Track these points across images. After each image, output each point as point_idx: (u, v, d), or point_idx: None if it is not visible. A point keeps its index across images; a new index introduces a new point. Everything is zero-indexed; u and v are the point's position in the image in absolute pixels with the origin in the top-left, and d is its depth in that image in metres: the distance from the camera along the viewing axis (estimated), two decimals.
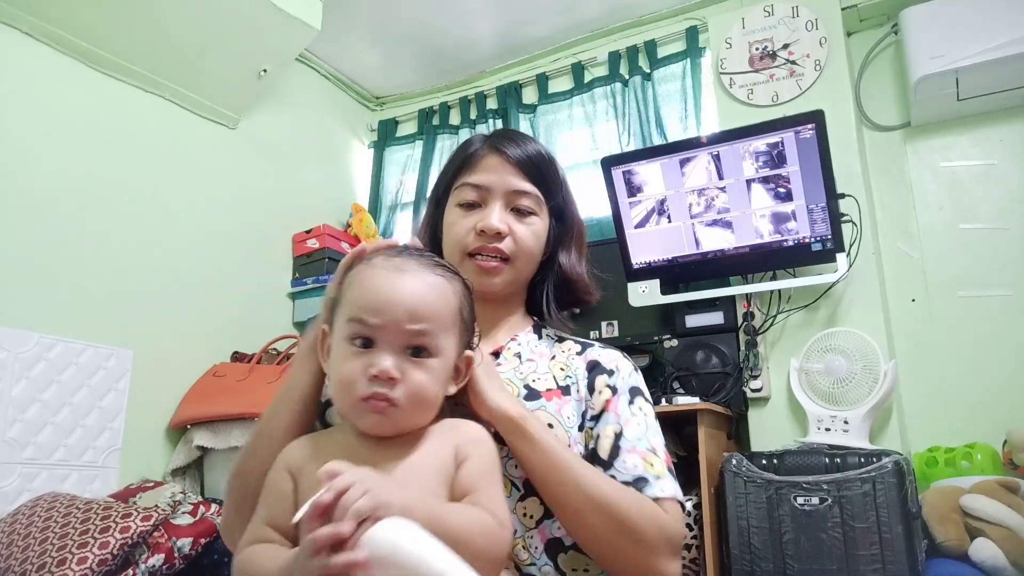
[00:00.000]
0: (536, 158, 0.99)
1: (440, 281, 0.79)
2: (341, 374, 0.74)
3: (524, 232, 0.97)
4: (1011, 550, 1.71)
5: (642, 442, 0.90)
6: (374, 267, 0.78)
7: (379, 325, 0.73)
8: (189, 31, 2.35)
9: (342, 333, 0.75)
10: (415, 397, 0.73)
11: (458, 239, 0.96)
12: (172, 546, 1.81)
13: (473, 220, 0.96)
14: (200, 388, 2.41)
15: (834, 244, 2.12)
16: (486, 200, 0.97)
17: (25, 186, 2.08)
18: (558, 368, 0.97)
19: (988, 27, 2.11)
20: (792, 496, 1.81)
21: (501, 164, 0.98)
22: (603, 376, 0.95)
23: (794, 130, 2.15)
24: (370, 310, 0.73)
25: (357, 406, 0.73)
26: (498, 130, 1.09)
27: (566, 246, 1.04)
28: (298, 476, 0.73)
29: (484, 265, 0.95)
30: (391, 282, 0.75)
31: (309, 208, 3.04)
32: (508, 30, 2.98)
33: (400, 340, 0.73)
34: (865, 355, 2.06)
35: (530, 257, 0.99)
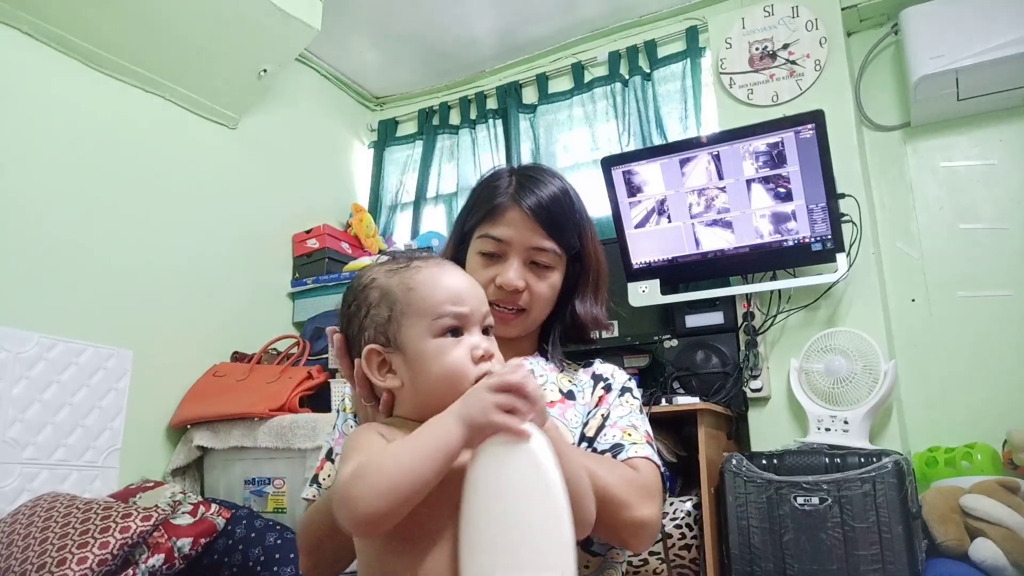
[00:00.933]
0: (557, 212, 1.02)
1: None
2: (449, 365, 0.75)
3: (541, 288, 1.02)
4: (1011, 550, 1.71)
5: (623, 420, 0.98)
6: (426, 268, 0.81)
7: (468, 313, 0.78)
8: (189, 31, 2.35)
9: (427, 333, 0.77)
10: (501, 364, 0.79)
11: None
12: (172, 546, 1.81)
13: (492, 272, 1.01)
14: (200, 388, 2.41)
15: (834, 244, 2.12)
16: (506, 254, 1.01)
17: (25, 186, 2.07)
18: (565, 380, 1.04)
19: (988, 27, 2.11)
20: (792, 496, 1.81)
21: (522, 219, 1.01)
22: (601, 383, 1.04)
23: (794, 130, 2.15)
24: (456, 301, 0.78)
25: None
26: (522, 175, 1.06)
27: (582, 292, 1.08)
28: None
29: (501, 316, 1.00)
30: (452, 274, 0.81)
31: (309, 208, 3.04)
32: (508, 30, 2.98)
33: (480, 322, 0.79)
34: (865, 355, 2.06)
35: (545, 307, 1.04)
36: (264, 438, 2.15)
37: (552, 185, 1.04)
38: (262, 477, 2.20)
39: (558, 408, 0.98)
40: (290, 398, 2.20)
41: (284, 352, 2.53)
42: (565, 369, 1.07)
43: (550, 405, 0.97)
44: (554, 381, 1.03)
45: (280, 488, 2.17)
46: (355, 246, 3.00)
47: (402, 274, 0.80)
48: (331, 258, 2.86)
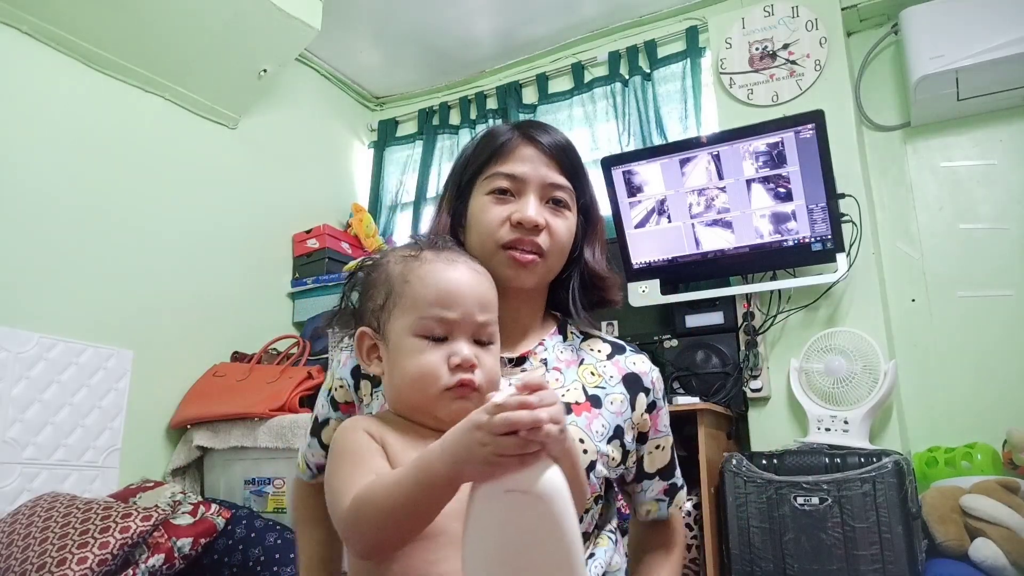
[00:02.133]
0: (569, 150, 0.97)
1: (485, 271, 0.82)
2: (420, 367, 0.73)
3: (560, 226, 0.93)
4: (1011, 550, 1.71)
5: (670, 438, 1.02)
6: (430, 262, 0.78)
7: (455, 319, 0.75)
8: (189, 31, 2.35)
9: (410, 330, 0.75)
10: (491, 381, 0.76)
11: (490, 230, 0.91)
12: (172, 546, 1.81)
13: (507, 211, 0.91)
14: (200, 388, 2.41)
15: (834, 244, 2.12)
16: (521, 191, 0.92)
17: (25, 186, 2.07)
18: (588, 374, 0.95)
19: (988, 27, 2.11)
20: (792, 496, 1.81)
21: (536, 155, 0.94)
22: (642, 395, 0.96)
23: (794, 130, 2.15)
24: (445, 304, 0.75)
25: (441, 396, 0.73)
26: (526, 120, 1.02)
27: (591, 242, 1.01)
28: (383, 442, 0.73)
29: (521, 259, 0.90)
30: (457, 275, 0.77)
31: (309, 208, 3.04)
32: (508, 30, 2.98)
33: (471, 330, 0.75)
34: (865, 355, 2.06)
35: (562, 252, 0.96)
36: (264, 438, 2.15)
37: (557, 132, 0.99)
38: (262, 477, 2.20)
39: (583, 417, 0.89)
40: (290, 398, 2.20)
41: (284, 352, 2.53)
42: (586, 360, 0.96)
43: (576, 410, 0.90)
44: (577, 378, 0.93)
45: (280, 488, 2.17)
46: (355, 246, 3.00)
47: (408, 263, 0.79)
48: (331, 258, 2.86)
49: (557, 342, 0.98)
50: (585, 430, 0.88)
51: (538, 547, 0.58)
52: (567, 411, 0.88)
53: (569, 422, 0.86)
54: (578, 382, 0.93)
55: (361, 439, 0.72)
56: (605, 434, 0.90)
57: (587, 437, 0.87)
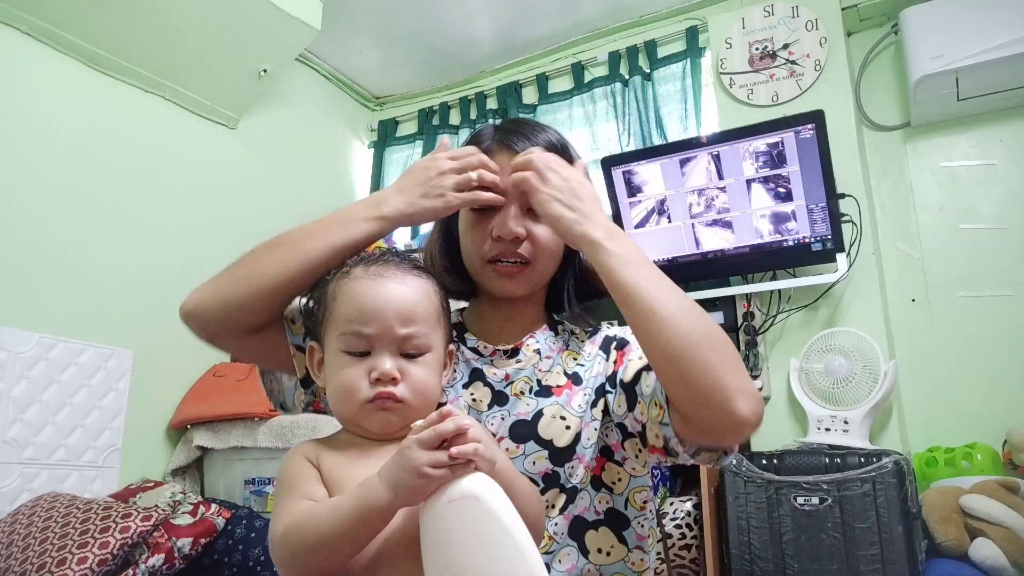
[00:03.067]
0: (547, 150, 0.94)
1: (421, 282, 0.83)
2: (342, 382, 0.77)
3: (542, 233, 0.92)
4: (1011, 550, 1.71)
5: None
6: (356, 278, 0.80)
7: (372, 334, 0.76)
8: (189, 31, 2.35)
9: (336, 346, 0.78)
10: (418, 392, 0.77)
11: (475, 247, 0.93)
12: (172, 546, 1.81)
13: (488, 226, 0.92)
14: (200, 388, 2.41)
15: (834, 244, 2.12)
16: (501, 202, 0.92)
17: (25, 186, 2.07)
18: (570, 358, 0.96)
19: (988, 27, 2.11)
20: (792, 496, 1.81)
21: (512, 161, 0.91)
22: (614, 343, 0.96)
23: (794, 130, 2.15)
24: (361, 320, 0.76)
25: (362, 409, 0.76)
26: (506, 121, 1.01)
27: None
28: (318, 465, 0.75)
29: (503, 270, 0.92)
30: (376, 290, 0.78)
31: (309, 208, 3.02)
32: (508, 30, 2.98)
33: (394, 344, 0.77)
34: (865, 355, 2.06)
35: (550, 257, 0.95)
36: (264, 438, 2.15)
37: (540, 131, 0.97)
38: (262, 477, 2.20)
39: (564, 395, 0.91)
40: None
41: None
42: (570, 346, 0.98)
43: (556, 391, 0.92)
44: (560, 363, 0.96)
45: None
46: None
47: (339, 280, 0.81)
48: None
49: (549, 336, 1.00)
50: (565, 407, 0.90)
51: (486, 546, 0.62)
52: (547, 393, 0.92)
53: (553, 403, 0.90)
54: (560, 366, 0.95)
55: (297, 468, 0.75)
56: (588, 401, 0.92)
57: (568, 413, 0.90)
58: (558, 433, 0.88)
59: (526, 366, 0.95)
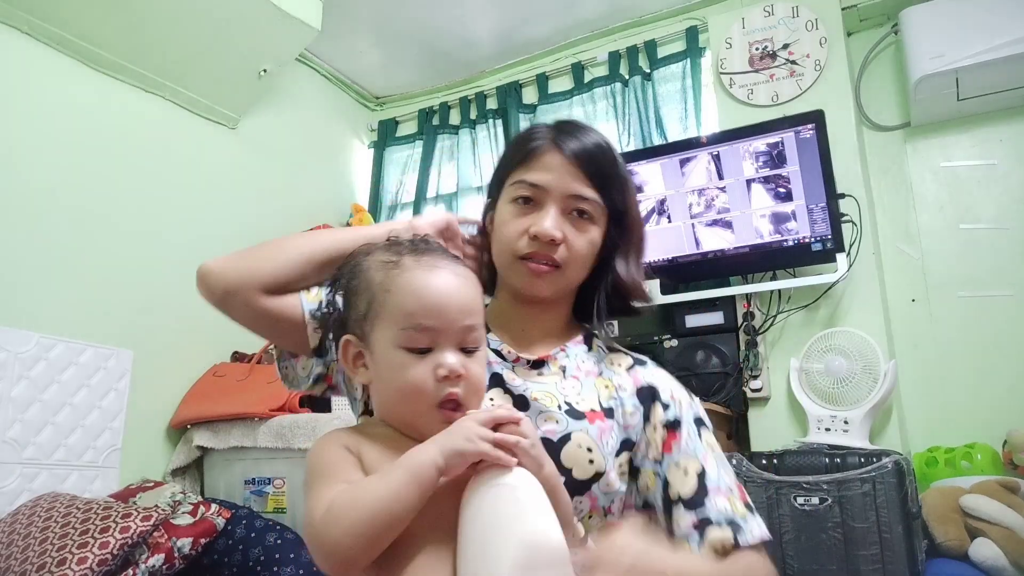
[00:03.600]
0: (599, 158, 0.92)
1: (469, 273, 0.80)
2: (408, 382, 0.72)
3: (579, 241, 0.90)
4: (1011, 550, 1.71)
5: (723, 480, 0.89)
6: (410, 269, 0.76)
7: (438, 328, 0.73)
8: (189, 31, 2.35)
9: (393, 342, 0.73)
10: (476, 389, 0.76)
11: (509, 241, 0.91)
12: (172, 546, 1.81)
13: (526, 222, 0.90)
14: (200, 388, 2.41)
15: (834, 244, 2.12)
16: (542, 201, 0.90)
17: (25, 186, 2.07)
18: (603, 387, 0.92)
19: (988, 27, 2.11)
20: (792, 496, 1.81)
21: (562, 163, 0.90)
22: (658, 409, 0.91)
23: (794, 130, 2.15)
24: (425, 314, 0.73)
25: (430, 412, 0.72)
26: (562, 122, 0.96)
27: (624, 252, 0.96)
28: (359, 455, 0.72)
29: (535, 268, 0.89)
30: (438, 282, 0.75)
31: (309, 208, 3.04)
32: (508, 30, 2.98)
33: (456, 338, 0.74)
34: (865, 355, 2.06)
35: (582, 265, 0.93)
36: (264, 438, 2.15)
37: (593, 134, 0.93)
38: (262, 477, 2.20)
39: (596, 426, 0.87)
40: (290, 398, 2.20)
41: None
42: (603, 373, 0.94)
43: (589, 418, 0.87)
44: (593, 389, 0.91)
45: (280, 488, 2.16)
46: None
47: (388, 271, 0.77)
48: None
49: (581, 351, 0.96)
50: (596, 440, 0.86)
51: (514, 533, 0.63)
52: (579, 416, 0.87)
53: (580, 429, 0.86)
54: (594, 392, 0.91)
55: (336, 454, 0.72)
56: (614, 447, 0.88)
57: (596, 447, 0.85)
58: (580, 464, 0.84)
59: (548, 381, 0.91)
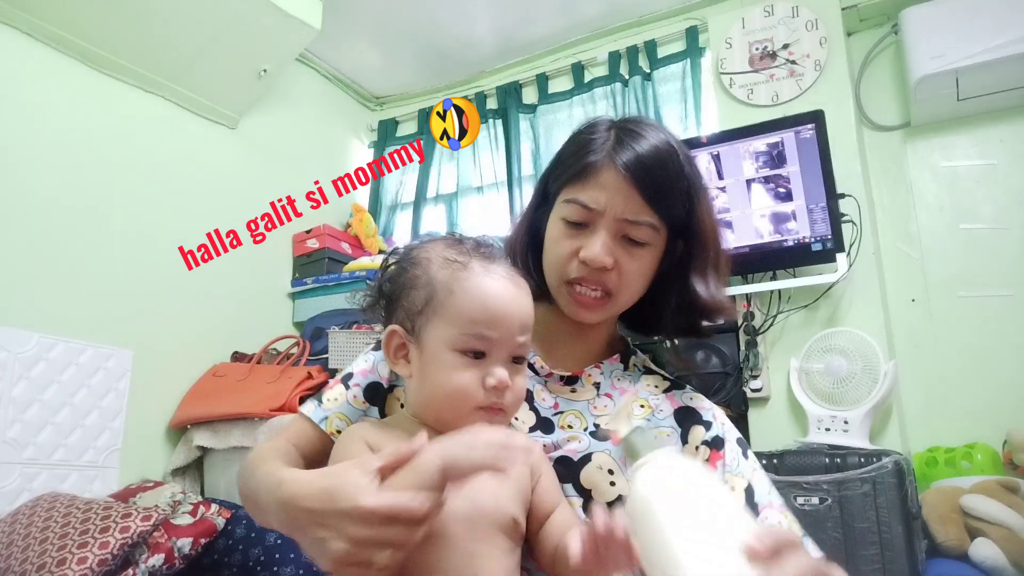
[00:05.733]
0: (660, 176, 0.84)
1: (527, 287, 0.80)
2: (455, 384, 0.73)
3: (632, 268, 0.85)
4: (1011, 550, 1.71)
5: (774, 497, 0.83)
6: (478, 275, 0.76)
7: (496, 339, 0.74)
8: (189, 31, 2.35)
9: (448, 342, 0.74)
10: (518, 401, 0.77)
11: (559, 263, 0.87)
12: (172, 546, 1.81)
13: (576, 244, 0.85)
14: (200, 388, 2.41)
15: (834, 244, 2.12)
16: (594, 223, 0.84)
17: (25, 186, 2.07)
18: (638, 406, 0.89)
19: (988, 27, 2.11)
20: (792, 496, 1.81)
21: (618, 181, 0.83)
22: (699, 428, 0.87)
23: (794, 130, 2.15)
24: (487, 324, 0.73)
25: (472, 415, 0.74)
26: (623, 125, 0.88)
27: (700, 268, 0.89)
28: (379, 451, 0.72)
29: (582, 299, 0.86)
30: (504, 293, 0.75)
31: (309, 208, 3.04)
32: (508, 30, 2.98)
33: (510, 351, 0.75)
34: (865, 355, 2.06)
35: (633, 293, 0.88)
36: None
37: (655, 140, 0.85)
38: None
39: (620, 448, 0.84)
40: (290, 398, 2.20)
41: (284, 352, 2.53)
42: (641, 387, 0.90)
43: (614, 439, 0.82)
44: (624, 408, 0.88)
45: None
46: (355, 246, 3.00)
47: (454, 270, 0.76)
48: (331, 258, 2.86)
49: (616, 369, 0.93)
50: (619, 462, 0.82)
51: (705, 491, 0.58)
52: (604, 437, 0.84)
53: (603, 450, 0.83)
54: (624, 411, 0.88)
55: (354, 449, 0.73)
56: None
57: (619, 469, 0.82)
58: (600, 486, 0.81)
59: (580, 399, 0.89)
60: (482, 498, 0.70)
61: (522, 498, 0.75)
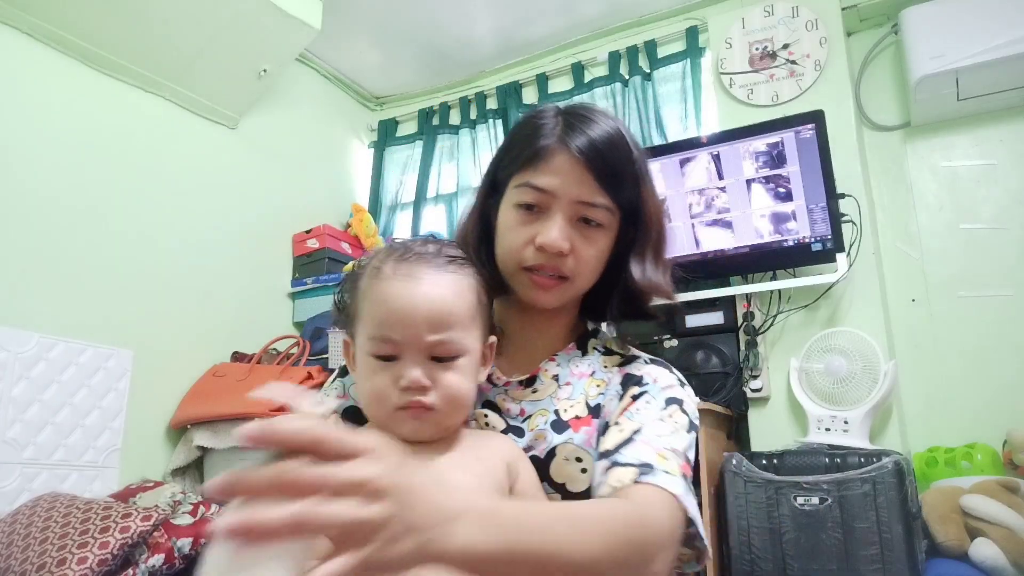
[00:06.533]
0: (613, 159, 0.84)
1: (454, 279, 0.78)
2: (372, 388, 0.75)
3: (588, 250, 0.85)
4: (1011, 550, 1.71)
5: (662, 440, 0.78)
6: (387, 278, 0.76)
7: (400, 341, 0.73)
8: (189, 31, 2.35)
9: (365, 348, 0.76)
10: (450, 398, 0.75)
11: (513, 250, 0.85)
12: (172, 546, 1.81)
13: (531, 231, 0.83)
14: (200, 388, 2.41)
15: (834, 244, 2.12)
16: (548, 207, 0.83)
17: (25, 186, 2.07)
18: (593, 386, 0.87)
19: (988, 27, 2.11)
20: (792, 496, 1.81)
21: (571, 165, 0.82)
22: (633, 387, 0.85)
23: (794, 130, 2.15)
24: (389, 326, 0.74)
25: (394, 415, 0.74)
26: (571, 111, 0.87)
27: (639, 252, 0.89)
28: None
29: (540, 281, 0.84)
30: (405, 294, 0.74)
31: (309, 208, 3.04)
32: (508, 30, 2.98)
33: (424, 351, 0.74)
34: (865, 355, 2.06)
35: (591, 275, 0.87)
36: None
37: (605, 125, 0.85)
38: None
39: (582, 433, 0.82)
40: None
41: (284, 352, 2.53)
42: (596, 372, 0.89)
43: (574, 425, 0.82)
44: (583, 391, 0.86)
45: None
46: (355, 246, 3.00)
47: (370, 278, 0.78)
48: (331, 258, 2.86)
49: (575, 356, 0.92)
50: (584, 447, 0.81)
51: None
52: (563, 428, 0.82)
53: (565, 440, 0.81)
54: (583, 394, 0.87)
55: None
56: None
57: (585, 454, 0.81)
58: (572, 477, 0.80)
59: (543, 396, 0.87)
60: None
61: (499, 494, 0.74)
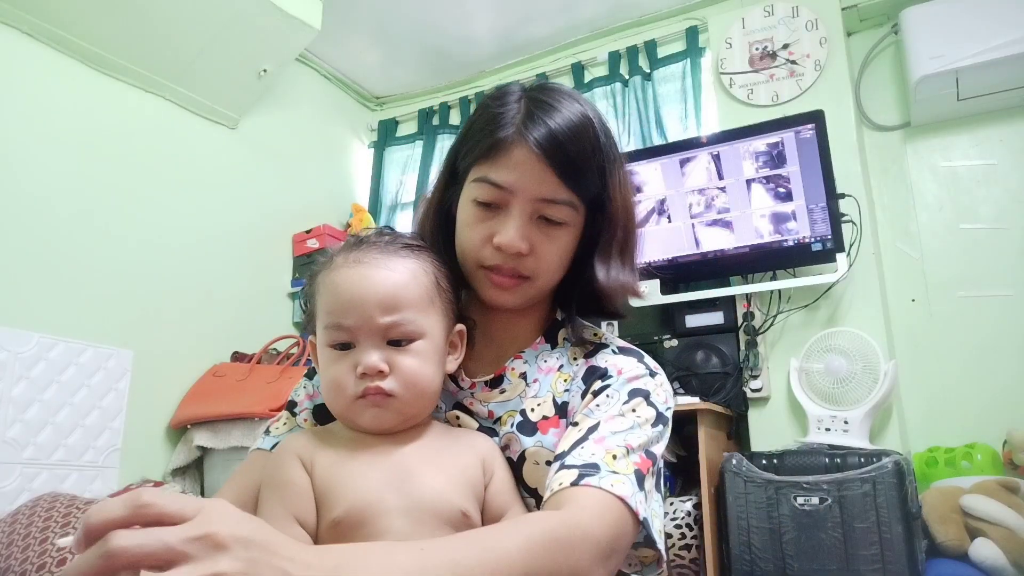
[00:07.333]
0: (576, 151, 0.79)
1: (406, 263, 0.76)
2: (329, 378, 0.74)
3: (549, 251, 0.81)
4: (1011, 550, 1.71)
5: (617, 437, 0.73)
6: (336, 268, 0.76)
7: (352, 326, 0.73)
8: (189, 31, 2.35)
9: (322, 340, 0.76)
10: (410, 383, 0.73)
11: (472, 248, 0.81)
12: None
13: (490, 229, 0.80)
14: (200, 388, 2.41)
15: (834, 244, 2.12)
16: (506, 204, 0.79)
17: (25, 186, 2.07)
18: (560, 381, 0.83)
19: (988, 27, 2.11)
20: (792, 496, 1.81)
21: (531, 158, 0.77)
22: (596, 381, 0.80)
23: (794, 130, 2.15)
24: (342, 312, 0.73)
25: (353, 405, 0.73)
26: (535, 95, 0.82)
27: (604, 251, 0.84)
28: (311, 468, 0.72)
29: (499, 280, 0.81)
30: (354, 279, 0.74)
31: (309, 208, 3.04)
32: (508, 30, 2.98)
33: (377, 335, 0.73)
34: (865, 355, 2.06)
35: (553, 274, 0.83)
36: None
37: (569, 112, 0.80)
38: None
39: (550, 435, 0.78)
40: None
41: (284, 352, 2.53)
42: (564, 367, 0.84)
43: (542, 427, 0.79)
44: (549, 388, 0.82)
45: None
46: None
47: (323, 271, 0.78)
48: None
49: (543, 350, 0.87)
50: (553, 449, 0.77)
51: None
52: (531, 431, 0.80)
53: (534, 444, 0.78)
54: (550, 392, 0.82)
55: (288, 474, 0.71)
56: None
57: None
58: (544, 481, 0.75)
59: (512, 396, 0.83)
60: (421, 492, 0.69)
61: (473, 492, 0.72)
